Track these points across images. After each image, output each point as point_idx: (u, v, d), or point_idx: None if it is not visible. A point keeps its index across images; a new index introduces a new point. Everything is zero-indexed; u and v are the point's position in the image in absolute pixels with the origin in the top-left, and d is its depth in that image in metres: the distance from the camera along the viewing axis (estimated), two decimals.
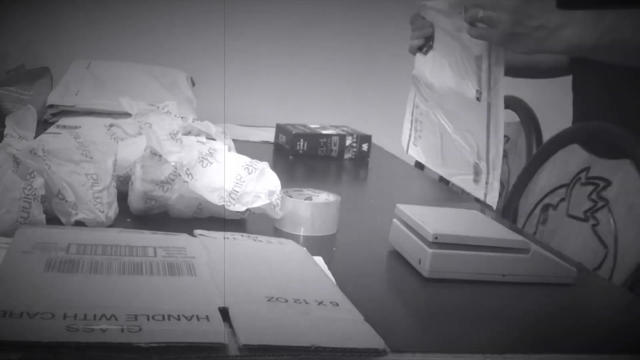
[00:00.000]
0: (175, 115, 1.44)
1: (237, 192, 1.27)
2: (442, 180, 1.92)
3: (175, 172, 1.25)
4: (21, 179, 1.09)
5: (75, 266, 0.94)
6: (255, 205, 1.28)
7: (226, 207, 1.26)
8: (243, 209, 1.27)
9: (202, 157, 1.29)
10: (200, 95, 2.21)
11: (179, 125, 1.36)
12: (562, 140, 1.72)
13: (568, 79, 1.75)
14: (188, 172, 1.25)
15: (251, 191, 1.28)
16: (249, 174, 1.28)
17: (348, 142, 2.02)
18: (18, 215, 1.08)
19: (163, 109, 1.45)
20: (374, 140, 2.09)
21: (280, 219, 1.31)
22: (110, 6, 2.78)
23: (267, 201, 1.28)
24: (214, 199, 1.26)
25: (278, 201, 1.30)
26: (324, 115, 2.92)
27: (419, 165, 2.09)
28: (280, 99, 2.99)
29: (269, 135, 2.12)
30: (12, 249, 0.98)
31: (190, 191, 1.26)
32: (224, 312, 0.85)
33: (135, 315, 0.81)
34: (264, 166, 1.32)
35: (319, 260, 1.14)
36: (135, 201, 1.30)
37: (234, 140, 1.62)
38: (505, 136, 2.05)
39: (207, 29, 2.87)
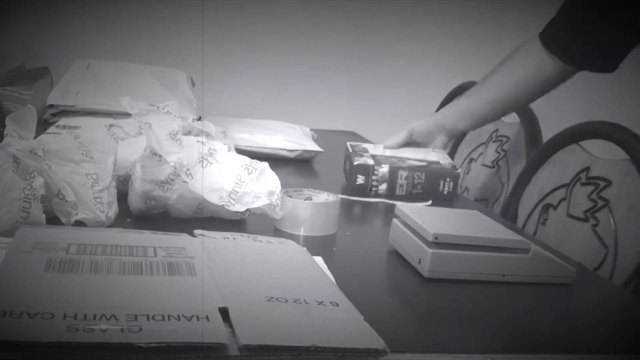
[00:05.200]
0: (175, 116, 1.44)
1: (237, 192, 1.26)
2: None
3: (175, 172, 1.25)
4: (21, 179, 1.09)
5: (75, 266, 0.94)
6: (255, 205, 1.28)
7: (226, 207, 1.26)
8: (243, 209, 1.27)
9: (202, 158, 1.28)
10: (198, 94, 2.20)
11: (178, 125, 1.35)
12: (562, 140, 1.72)
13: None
14: (188, 172, 1.25)
15: (251, 191, 1.27)
16: (249, 174, 1.28)
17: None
18: (18, 215, 1.08)
19: (163, 109, 1.45)
20: (374, 139, 2.08)
21: (280, 219, 1.31)
22: (111, 6, 2.78)
23: (267, 201, 1.28)
24: (214, 199, 1.25)
25: (278, 201, 1.30)
26: (324, 114, 2.93)
27: None
28: (281, 98, 2.99)
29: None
30: (12, 249, 0.97)
31: (190, 191, 1.25)
32: (224, 312, 0.85)
33: (135, 315, 0.80)
34: (264, 166, 1.31)
35: (319, 260, 1.14)
36: (135, 201, 1.29)
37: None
38: (505, 136, 2.05)
39: (207, 29, 2.87)
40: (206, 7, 2.86)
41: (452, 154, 2.30)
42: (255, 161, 1.32)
